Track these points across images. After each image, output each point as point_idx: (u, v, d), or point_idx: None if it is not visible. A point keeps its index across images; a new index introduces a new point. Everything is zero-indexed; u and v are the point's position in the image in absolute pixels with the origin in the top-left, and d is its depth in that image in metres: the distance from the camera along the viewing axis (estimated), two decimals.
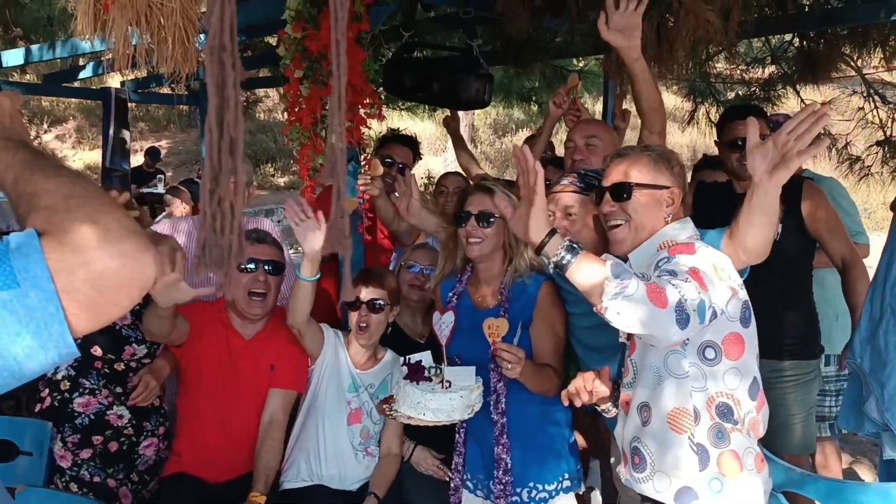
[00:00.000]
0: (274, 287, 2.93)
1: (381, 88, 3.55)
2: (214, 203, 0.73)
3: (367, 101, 3.51)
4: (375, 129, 3.89)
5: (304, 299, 2.77)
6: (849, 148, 5.35)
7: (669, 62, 3.63)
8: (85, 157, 16.83)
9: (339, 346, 3.02)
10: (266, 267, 2.92)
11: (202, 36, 3.05)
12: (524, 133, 19.02)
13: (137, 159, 13.19)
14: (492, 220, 2.68)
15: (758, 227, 2.02)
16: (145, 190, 10.19)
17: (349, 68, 3.51)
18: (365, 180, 3.38)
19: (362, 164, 3.56)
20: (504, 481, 2.62)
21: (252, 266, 2.90)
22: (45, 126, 17.54)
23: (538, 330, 2.67)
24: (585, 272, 1.92)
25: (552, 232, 2.01)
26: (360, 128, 3.52)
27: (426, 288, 3.16)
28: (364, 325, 2.93)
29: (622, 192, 2.20)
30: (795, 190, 3.20)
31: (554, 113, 3.60)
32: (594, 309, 1.92)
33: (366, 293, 2.94)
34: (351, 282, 2.90)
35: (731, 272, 2.07)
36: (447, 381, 2.51)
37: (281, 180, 16.39)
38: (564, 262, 1.95)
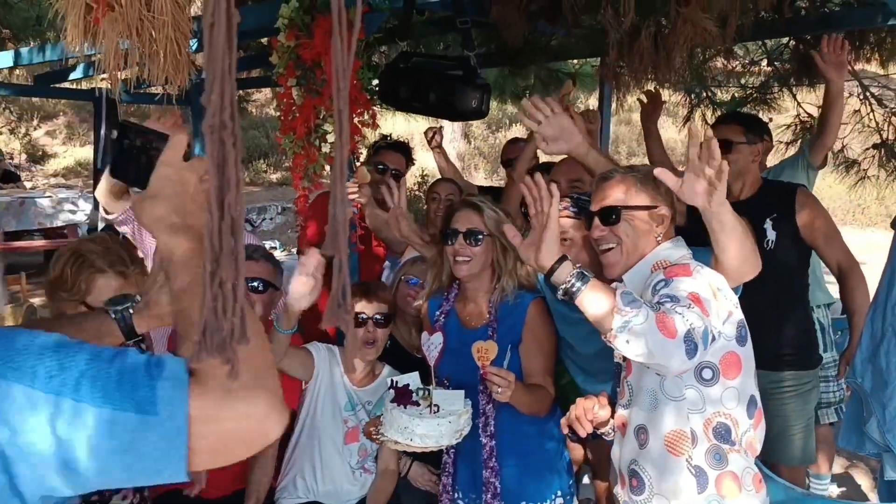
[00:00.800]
0: (260, 304, 2.86)
1: (376, 97, 3.51)
2: (216, 285, 0.70)
3: (361, 109, 3.48)
4: (368, 134, 3.87)
5: (277, 350, 2.56)
6: (845, 151, 5.34)
7: (666, 69, 3.61)
8: (76, 153, 16.72)
9: (333, 363, 2.96)
10: (251, 284, 2.85)
11: (193, 43, 3.01)
12: (517, 129, 18.96)
13: None
14: (480, 237, 2.62)
15: (730, 249, 2.02)
16: (137, 190, 10.09)
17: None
18: (353, 188, 3.35)
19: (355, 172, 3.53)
20: None
21: None
22: (36, 122, 17.41)
23: (527, 349, 2.63)
24: (595, 300, 1.91)
25: (563, 258, 2.00)
26: (355, 137, 3.49)
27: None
28: (371, 340, 2.89)
29: (610, 215, 2.19)
30: (789, 199, 3.20)
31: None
32: (602, 337, 1.91)
33: (370, 308, 2.89)
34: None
35: (728, 291, 2.06)
36: (435, 405, 2.46)
37: (273, 176, 16.31)
38: (574, 289, 1.94)
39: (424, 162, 16.42)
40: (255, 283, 2.85)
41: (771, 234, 3.15)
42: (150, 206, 1.10)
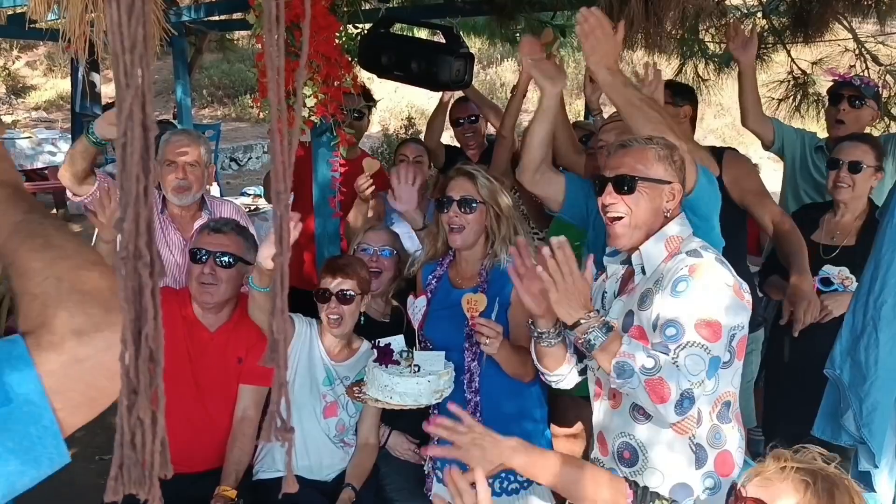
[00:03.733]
0: (226, 279, 2.83)
1: (356, 61, 3.40)
2: (133, 419, 0.65)
3: (342, 72, 3.37)
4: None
5: (258, 308, 2.68)
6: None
7: (657, 34, 3.49)
8: (57, 84, 16.33)
9: (312, 337, 2.94)
10: (218, 259, 2.82)
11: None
12: (508, 64, 18.58)
13: (111, 89, 12.80)
14: (474, 205, 2.64)
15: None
16: (102, 171, 9.87)
17: (323, 39, 3.30)
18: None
19: (337, 139, 3.44)
20: None
21: (204, 257, 2.81)
22: (15, 52, 16.96)
23: (516, 314, 2.63)
24: (601, 359, 1.99)
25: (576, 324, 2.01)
26: (336, 101, 3.39)
27: (384, 270, 3.14)
28: (335, 316, 2.86)
29: (625, 184, 2.14)
30: (717, 161, 3.10)
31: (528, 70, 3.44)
32: None
33: (335, 284, 2.85)
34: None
35: (742, 281, 2.08)
36: (416, 365, 2.52)
37: (261, 113, 16.04)
38: (587, 347, 2.01)
39: (413, 99, 16.17)
40: (224, 258, 2.82)
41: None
42: None
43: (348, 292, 2.84)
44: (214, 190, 5.85)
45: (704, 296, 1.97)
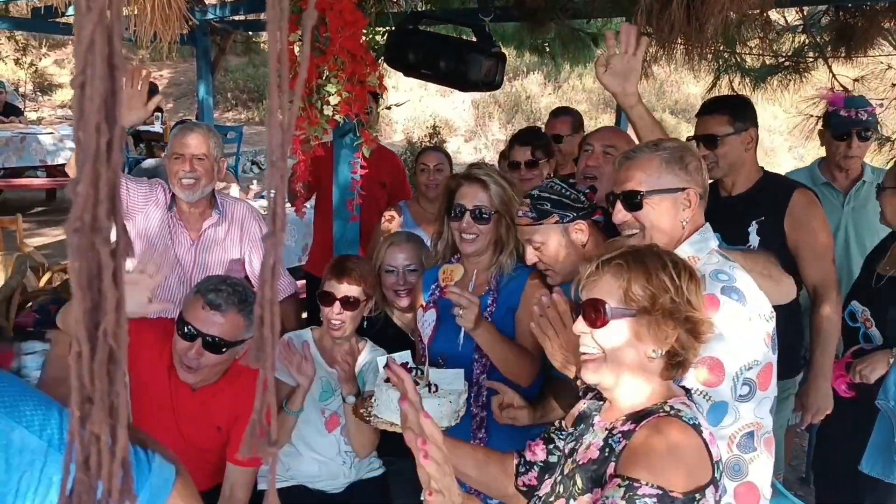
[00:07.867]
0: (214, 363, 2.42)
1: (382, 60, 3.28)
2: (86, 436, 0.51)
3: (368, 70, 3.26)
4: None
5: (283, 431, 2.68)
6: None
7: (698, 40, 3.35)
8: None
9: (307, 354, 2.75)
10: (208, 339, 2.36)
11: None
12: (535, 76, 18.47)
13: None
14: (487, 216, 2.50)
15: None
16: (142, 128, 9.86)
17: (349, 35, 3.16)
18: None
19: (360, 139, 3.33)
20: None
21: (192, 336, 2.37)
22: (44, 50, 17.06)
23: (522, 318, 2.48)
24: None
25: None
26: (360, 100, 3.27)
27: (412, 290, 2.93)
28: (338, 322, 2.72)
29: (633, 200, 2.03)
30: (783, 199, 2.87)
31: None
32: None
33: (339, 289, 2.70)
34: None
35: (761, 306, 1.92)
36: (434, 384, 2.30)
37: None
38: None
39: (437, 109, 16.10)
40: (215, 344, 2.39)
41: (753, 240, 2.84)
42: None
43: (352, 297, 2.70)
44: (234, 191, 5.75)
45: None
